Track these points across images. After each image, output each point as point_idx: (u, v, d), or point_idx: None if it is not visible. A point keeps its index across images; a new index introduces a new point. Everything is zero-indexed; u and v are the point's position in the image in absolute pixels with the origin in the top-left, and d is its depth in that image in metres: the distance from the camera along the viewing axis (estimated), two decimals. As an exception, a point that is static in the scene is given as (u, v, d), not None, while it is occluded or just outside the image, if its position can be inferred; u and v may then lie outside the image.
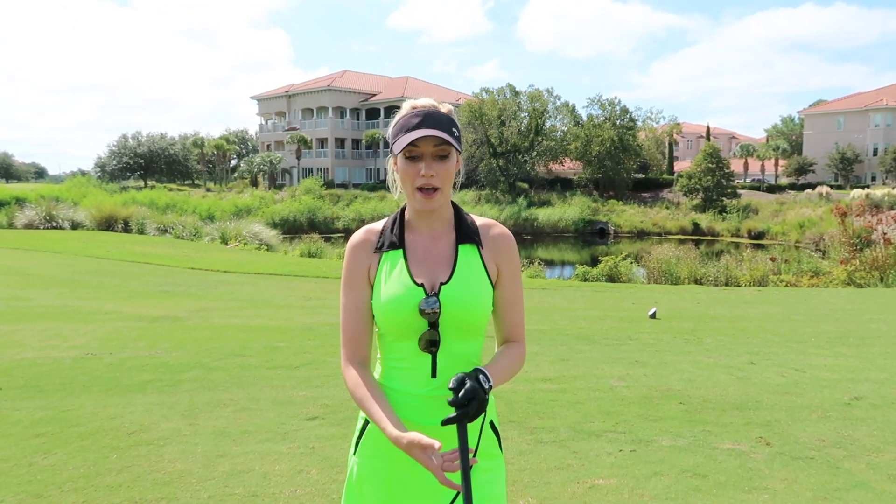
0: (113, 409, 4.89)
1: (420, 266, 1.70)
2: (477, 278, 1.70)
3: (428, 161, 1.64)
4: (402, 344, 1.68)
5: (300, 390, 5.35)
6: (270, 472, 3.82)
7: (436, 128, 1.62)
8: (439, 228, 1.75)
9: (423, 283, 1.67)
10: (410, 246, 1.72)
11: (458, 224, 1.75)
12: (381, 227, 1.75)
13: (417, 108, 1.68)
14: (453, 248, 1.73)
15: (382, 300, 1.67)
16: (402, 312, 1.64)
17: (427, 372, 1.67)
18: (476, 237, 1.74)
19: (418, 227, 1.75)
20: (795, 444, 4.27)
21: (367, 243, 1.74)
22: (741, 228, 38.39)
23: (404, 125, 1.66)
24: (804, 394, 5.32)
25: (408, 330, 1.65)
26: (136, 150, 70.63)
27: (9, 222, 26.54)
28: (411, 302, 1.64)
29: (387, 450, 1.65)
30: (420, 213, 1.72)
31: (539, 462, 3.97)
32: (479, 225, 1.77)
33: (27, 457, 4.02)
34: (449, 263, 1.71)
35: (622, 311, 9.28)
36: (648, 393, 5.33)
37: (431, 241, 1.73)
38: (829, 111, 62.02)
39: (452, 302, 1.65)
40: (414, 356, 1.67)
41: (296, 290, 11.21)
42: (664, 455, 4.07)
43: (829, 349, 6.93)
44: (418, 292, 1.65)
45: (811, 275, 13.98)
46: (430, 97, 1.76)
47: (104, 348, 6.73)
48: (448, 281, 1.68)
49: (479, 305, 1.69)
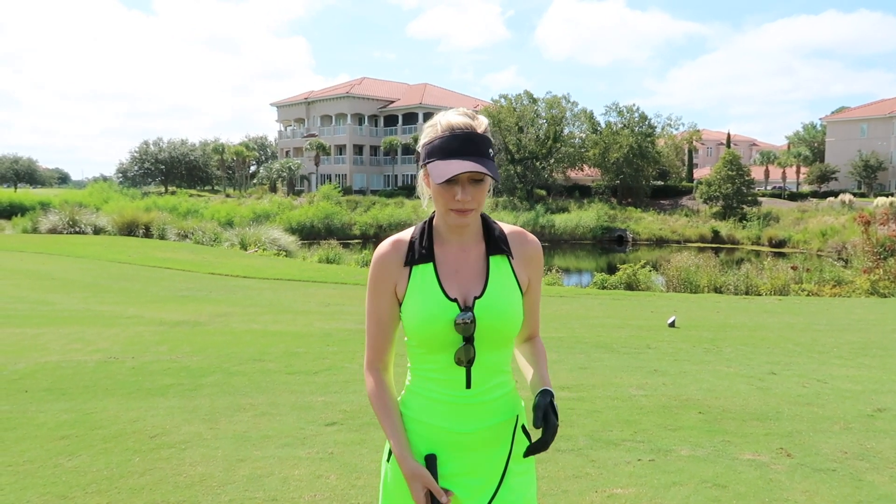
0: (135, 412, 4.97)
1: (452, 280, 1.69)
2: (509, 290, 1.71)
3: (464, 185, 1.61)
4: (435, 356, 1.68)
5: (319, 396, 5.39)
6: (290, 477, 3.85)
7: (475, 155, 1.59)
8: (469, 240, 1.74)
9: (457, 298, 1.66)
10: (441, 258, 1.70)
11: (487, 234, 1.75)
12: (409, 239, 1.72)
13: (455, 129, 1.61)
14: (484, 259, 1.72)
15: (415, 316, 1.66)
16: (437, 328, 1.64)
17: (462, 383, 1.68)
18: (506, 247, 1.74)
19: (448, 238, 1.73)
20: (817, 455, 4.22)
21: (395, 256, 1.71)
22: (762, 236, 37.99)
23: (443, 148, 1.60)
24: (826, 405, 5.26)
25: (442, 345, 1.66)
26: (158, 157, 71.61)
27: (33, 227, 27.01)
28: (445, 317, 1.64)
29: (419, 455, 1.69)
30: (450, 227, 1.71)
31: (557, 470, 3.97)
32: (508, 233, 1.77)
33: (52, 458, 4.10)
34: (481, 276, 1.70)
35: (641, 320, 9.23)
36: (667, 402, 5.30)
37: (462, 252, 1.72)
38: (852, 118, 61.23)
39: (487, 316, 1.65)
40: (448, 368, 1.68)
41: (314, 296, 11.29)
42: (683, 465, 4.05)
43: (852, 360, 6.84)
44: (452, 308, 1.65)
45: (833, 284, 13.81)
46: (451, 105, 1.76)
47: (126, 352, 6.83)
48: (482, 295, 1.67)
49: (513, 317, 1.70)
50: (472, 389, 1.69)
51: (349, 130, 65.99)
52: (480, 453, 1.70)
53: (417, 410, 1.72)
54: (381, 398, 1.72)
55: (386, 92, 69.12)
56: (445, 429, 1.68)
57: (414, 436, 1.71)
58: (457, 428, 1.68)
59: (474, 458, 1.70)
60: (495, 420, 1.72)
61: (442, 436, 1.69)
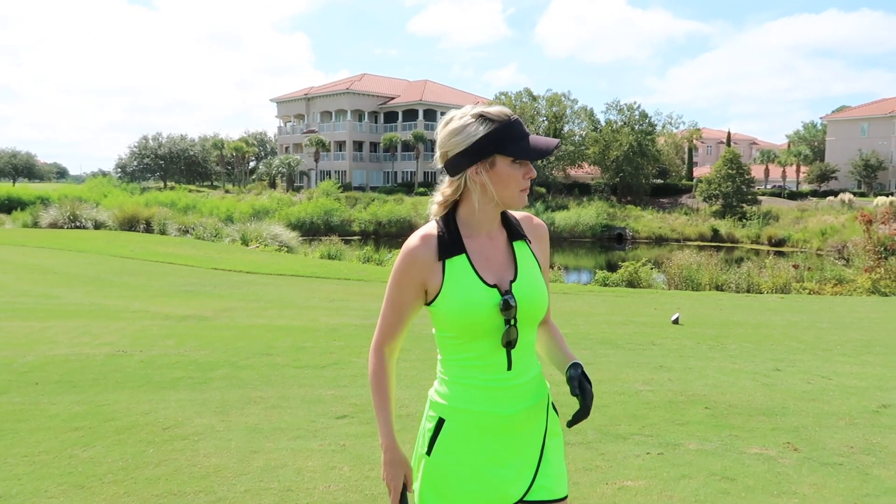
0: (147, 404, 5.00)
1: (485, 267, 1.75)
2: (536, 272, 1.81)
3: (528, 166, 1.75)
4: (478, 343, 1.74)
5: (328, 389, 5.43)
6: (304, 468, 3.89)
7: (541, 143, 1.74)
8: (494, 229, 1.81)
9: (496, 284, 1.73)
10: (471, 249, 1.76)
11: (507, 222, 1.83)
12: (437, 233, 1.76)
13: (507, 114, 1.72)
14: (508, 246, 1.81)
15: (458, 306, 1.70)
16: (481, 315, 1.70)
17: (503, 366, 1.75)
18: (524, 233, 1.85)
19: (476, 229, 1.78)
20: (823, 450, 4.27)
21: (427, 251, 1.74)
22: (761, 235, 38.08)
23: (514, 131, 1.70)
24: (831, 401, 5.31)
25: (486, 331, 1.72)
26: (157, 152, 71.59)
27: (33, 221, 26.99)
28: (489, 303, 1.70)
29: (468, 444, 1.76)
30: (483, 214, 1.77)
31: (567, 463, 3.97)
32: (520, 219, 1.87)
33: (67, 449, 4.13)
34: (510, 261, 1.79)
35: (644, 317, 9.28)
36: (674, 397, 5.35)
37: (489, 241, 1.79)
38: (853, 117, 61.31)
39: (524, 298, 1.74)
40: (490, 353, 1.74)
41: (318, 292, 11.32)
42: (692, 458, 4.10)
43: (856, 357, 6.89)
44: (493, 294, 1.71)
45: (835, 283, 13.86)
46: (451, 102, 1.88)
47: (134, 346, 6.87)
48: (515, 278, 1.76)
49: (544, 297, 1.80)
50: (513, 371, 1.76)
51: (349, 127, 65.95)
52: (522, 434, 1.79)
53: (462, 399, 1.76)
54: (380, 380, 1.81)
55: (386, 88, 69.07)
56: (489, 413, 1.75)
57: (461, 426, 1.75)
58: (500, 410, 1.75)
59: (517, 439, 1.78)
60: (533, 400, 1.80)
61: (488, 420, 1.75)
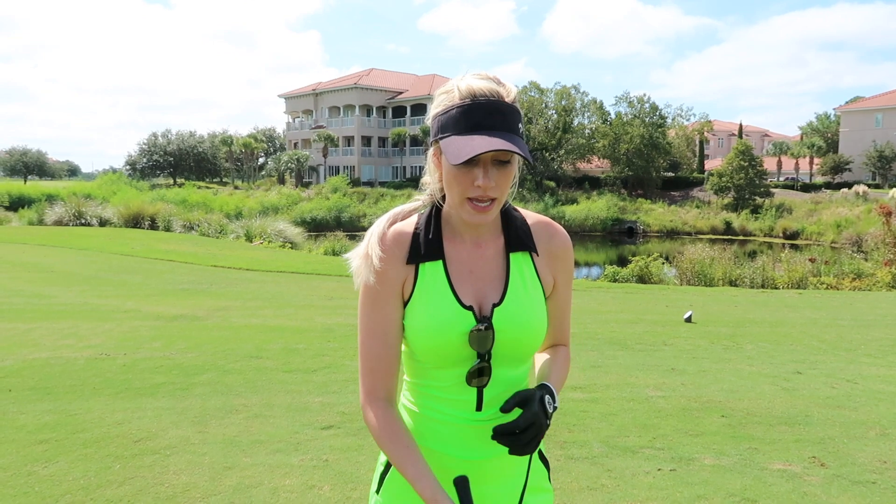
0: (121, 413, 4.68)
1: (465, 283, 1.37)
2: (532, 295, 1.39)
3: (486, 167, 1.28)
4: (442, 373, 1.37)
5: (316, 396, 5.09)
6: (280, 487, 3.55)
7: (503, 130, 1.27)
8: (486, 233, 1.41)
9: (472, 306, 1.35)
10: (452, 256, 1.38)
11: (507, 226, 1.41)
12: (413, 230, 1.40)
13: (478, 95, 1.27)
14: (503, 257, 1.40)
15: (421, 325, 1.35)
16: (448, 340, 1.33)
17: (472, 404, 1.37)
18: (530, 243, 1.41)
19: (460, 231, 1.40)
20: (854, 465, 3.88)
21: (397, 251, 1.38)
22: (775, 228, 37.45)
23: (459, 120, 1.27)
24: (859, 408, 4.90)
25: (452, 360, 1.34)
26: (166, 149, 71.52)
27: (39, 219, 26.89)
28: (458, 329, 1.33)
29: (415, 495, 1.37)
30: (454, 212, 1.37)
31: (570, 481, 3.65)
32: (532, 224, 1.44)
33: (27, 465, 3.82)
34: (500, 278, 1.39)
35: (655, 315, 8.88)
36: (687, 404, 4.96)
37: (476, 249, 1.40)
38: (867, 108, 60.24)
39: (507, 327, 1.34)
40: (456, 387, 1.37)
41: (318, 290, 11.00)
42: (708, 476, 3.72)
43: (882, 358, 6.47)
44: (467, 317, 1.33)
45: (853, 277, 13.38)
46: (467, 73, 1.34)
47: (119, 348, 6.56)
48: (501, 301, 1.36)
49: (537, 328, 1.38)
50: (484, 412, 1.38)
51: (357, 122, 65.61)
52: (493, 485, 1.40)
53: (420, 435, 1.41)
54: (394, 433, 1.34)
55: (394, 83, 68.65)
56: (452, 456, 1.38)
57: None
58: (465, 455, 1.38)
59: (485, 491, 1.40)
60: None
61: (450, 464, 1.39)
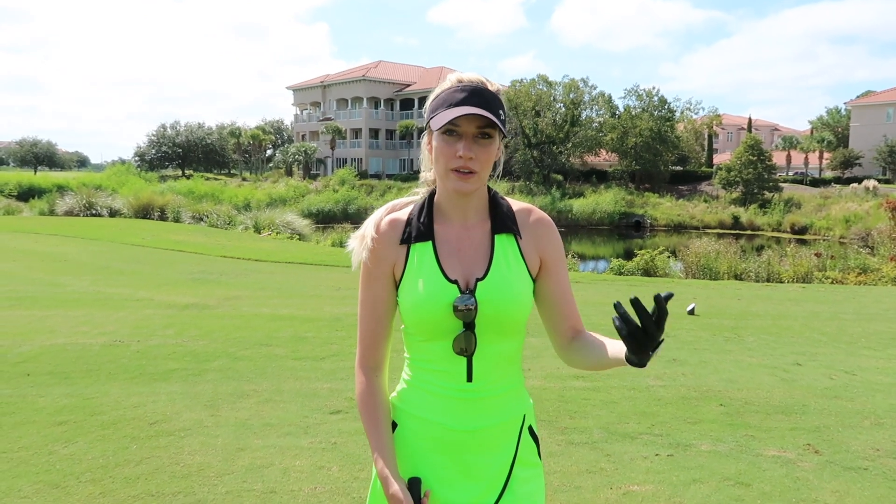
0: (137, 397, 4.84)
1: (452, 260, 1.51)
2: (515, 272, 1.52)
3: (468, 141, 1.45)
4: (433, 345, 1.51)
5: (325, 382, 5.23)
6: (290, 468, 3.70)
7: (482, 106, 1.44)
8: (473, 217, 1.56)
9: (457, 280, 1.49)
10: (441, 237, 1.54)
11: (494, 211, 1.57)
12: (407, 216, 1.57)
13: (464, 81, 1.49)
14: (489, 238, 1.55)
15: (411, 299, 1.50)
16: (434, 312, 1.47)
17: (462, 375, 1.50)
18: (513, 226, 1.56)
19: (449, 214, 1.55)
20: (847, 452, 3.99)
21: (391, 234, 1.55)
22: (783, 223, 37.28)
23: (447, 99, 1.47)
24: (855, 398, 5.00)
25: (440, 331, 1.48)
26: (175, 140, 71.80)
27: (50, 209, 27.17)
28: (444, 301, 1.47)
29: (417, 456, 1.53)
30: (452, 198, 1.53)
31: (570, 465, 3.78)
32: (517, 211, 1.59)
33: (48, 445, 3.98)
34: (484, 256, 1.52)
35: (659, 307, 8.97)
36: (687, 393, 5.08)
37: (464, 231, 1.55)
38: (878, 102, 59.78)
39: (490, 299, 1.48)
40: (447, 359, 1.50)
41: (325, 280, 11.15)
42: (704, 461, 3.84)
43: (882, 351, 6.55)
44: (452, 290, 1.48)
45: (859, 272, 13.41)
46: (455, 72, 1.55)
47: (133, 336, 6.72)
48: (484, 276, 1.50)
49: (519, 302, 1.51)
50: (474, 383, 1.50)
51: (365, 114, 65.65)
52: (482, 456, 1.53)
53: (415, 405, 1.55)
54: (368, 403, 1.54)
55: (402, 75, 68.62)
56: (444, 425, 1.51)
57: (410, 433, 1.55)
58: (456, 425, 1.51)
59: (475, 461, 1.52)
60: (499, 419, 1.54)
61: (440, 433, 1.52)
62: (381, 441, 1.50)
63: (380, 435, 1.51)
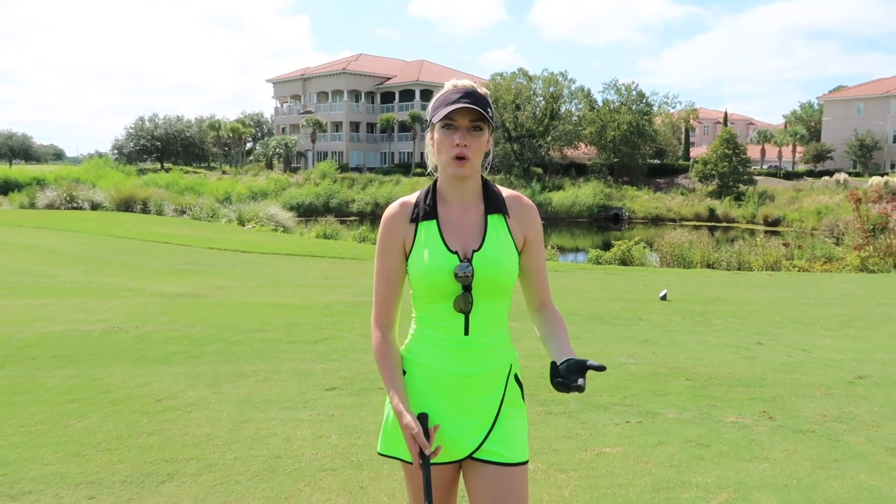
0: (141, 378, 5.12)
1: (453, 235, 1.87)
2: (505, 245, 1.88)
3: (463, 132, 1.80)
4: (437, 305, 1.86)
5: (319, 363, 5.55)
6: (293, 437, 4.02)
7: (474, 104, 1.79)
8: (469, 200, 1.91)
9: (458, 251, 1.84)
10: (443, 217, 1.88)
11: (487, 196, 1.92)
12: (416, 200, 1.91)
13: (459, 86, 1.84)
14: (483, 218, 1.90)
15: (420, 267, 1.84)
16: (439, 278, 1.82)
17: (461, 330, 1.86)
18: (503, 208, 1.91)
19: (450, 199, 1.90)
20: (797, 418, 4.41)
21: (402, 215, 1.89)
22: (757, 215, 38.15)
23: (445, 100, 1.82)
24: (809, 372, 5.45)
25: (443, 293, 1.84)
26: (153, 133, 71.14)
27: (30, 202, 27.01)
28: (447, 268, 1.82)
29: (423, 396, 1.88)
30: (452, 184, 1.89)
31: (549, 431, 4.14)
32: (506, 196, 1.94)
33: (62, 420, 4.25)
34: (479, 232, 1.88)
35: (633, 293, 9.41)
36: (656, 370, 5.48)
37: (462, 212, 1.90)
38: (849, 97, 61.09)
39: (484, 267, 1.83)
40: (449, 316, 1.86)
41: (313, 270, 11.43)
42: (669, 426, 4.23)
43: (837, 331, 7.03)
44: (453, 259, 1.83)
45: (824, 260, 13.99)
46: (446, 81, 1.92)
47: (129, 322, 6.98)
48: (479, 248, 1.85)
49: (508, 270, 1.87)
50: (470, 336, 1.86)
51: (346, 107, 65.60)
52: (476, 396, 1.88)
53: (421, 355, 1.90)
54: (384, 353, 1.89)
55: (383, 68, 68.61)
56: (445, 371, 1.87)
57: (417, 378, 1.89)
58: (455, 371, 1.86)
59: (470, 401, 1.88)
60: (490, 366, 1.89)
61: (441, 378, 1.87)
62: (396, 382, 1.86)
63: (394, 378, 1.86)
